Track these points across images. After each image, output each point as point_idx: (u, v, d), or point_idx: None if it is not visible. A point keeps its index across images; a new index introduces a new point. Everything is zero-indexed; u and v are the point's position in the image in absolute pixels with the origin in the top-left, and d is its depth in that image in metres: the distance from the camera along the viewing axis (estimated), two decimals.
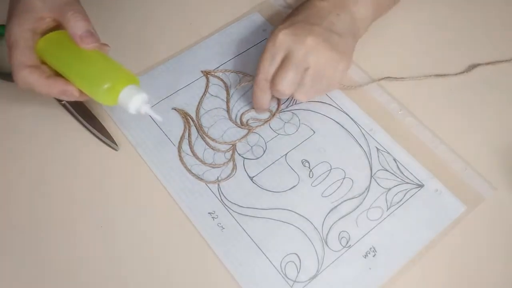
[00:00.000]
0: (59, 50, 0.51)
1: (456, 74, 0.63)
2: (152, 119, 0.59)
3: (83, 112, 0.59)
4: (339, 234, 0.53)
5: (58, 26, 0.53)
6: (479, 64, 0.64)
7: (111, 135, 0.58)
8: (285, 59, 0.54)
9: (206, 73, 0.63)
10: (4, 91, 0.61)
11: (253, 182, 0.56)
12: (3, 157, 0.57)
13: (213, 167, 0.57)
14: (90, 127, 0.58)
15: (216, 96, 0.61)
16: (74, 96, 0.51)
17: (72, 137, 0.58)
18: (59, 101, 0.60)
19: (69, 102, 0.59)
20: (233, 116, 0.60)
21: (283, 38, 0.54)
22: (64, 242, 0.52)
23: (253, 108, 0.60)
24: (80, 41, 0.50)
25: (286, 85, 0.54)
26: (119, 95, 0.49)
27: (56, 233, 0.53)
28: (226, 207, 0.54)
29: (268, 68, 0.55)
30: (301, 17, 0.57)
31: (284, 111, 0.60)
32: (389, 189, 0.55)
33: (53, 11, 0.51)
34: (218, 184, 0.56)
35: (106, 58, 0.51)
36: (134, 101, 0.49)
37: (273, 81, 0.55)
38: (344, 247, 0.52)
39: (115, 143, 0.57)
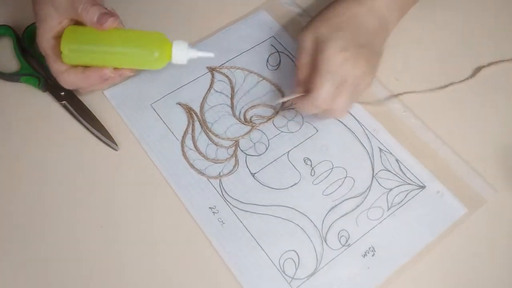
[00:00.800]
0: (85, 46, 0.53)
1: (460, 81, 0.63)
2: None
3: (83, 112, 0.59)
4: (339, 232, 0.53)
5: (77, 24, 0.55)
6: (483, 66, 0.63)
7: (111, 135, 0.58)
8: (342, 84, 0.53)
9: (212, 69, 0.64)
10: (4, 91, 0.62)
11: (255, 179, 0.56)
12: (3, 157, 0.57)
13: (216, 163, 0.57)
14: (90, 127, 0.58)
15: (220, 92, 0.62)
16: (111, 76, 0.54)
17: (72, 137, 0.59)
18: (59, 101, 0.60)
19: (69, 102, 0.60)
20: (237, 113, 0.60)
21: (344, 63, 0.53)
22: (64, 242, 0.52)
23: (257, 105, 0.60)
24: (99, 26, 0.52)
25: (341, 110, 0.55)
26: (172, 56, 0.54)
27: (56, 233, 0.53)
28: (227, 202, 0.54)
29: (330, 90, 0.53)
30: (350, 34, 0.55)
31: (288, 109, 0.61)
32: (391, 189, 0.55)
33: (66, 13, 0.53)
34: (220, 180, 0.56)
35: (132, 31, 0.54)
36: (184, 54, 0.54)
37: (331, 105, 0.54)
38: (343, 245, 0.52)
39: (115, 143, 0.58)
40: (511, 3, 0.70)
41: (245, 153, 0.58)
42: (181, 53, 0.54)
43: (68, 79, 0.54)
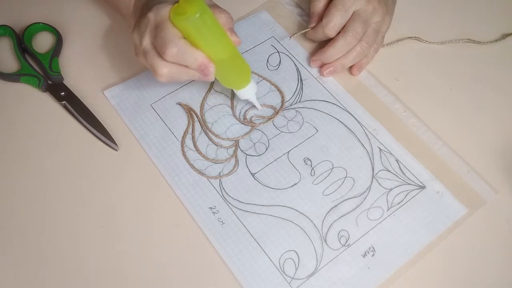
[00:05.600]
0: (210, 20, 0.51)
1: (487, 42, 0.64)
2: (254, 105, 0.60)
3: (83, 112, 0.59)
4: (339, 232, 0.53)
5: None
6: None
7: (111, 135, 0.58)
8: (355, 19, 0.60)
9: None
10: (4, 91, 0.62)
11: (255, 179, 0.56)
12: (3, 157, 0.57)
13: (216, 163, 0.57)
14: (90, 127, 0.58)
15: (220, 92, 0.62)
16: (209, 76, 0.52)
17: (72, 137, 0.59)
18: (59, 101, 0.60)
19: (69, 102, 0.60)
20: (237, 113, 0.60)
21: None
22: (64, 241, 0.53)
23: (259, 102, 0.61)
24: (231, 33, 0.53)
25: (362, 49, 0.61)
26: (241, 90, 0.57)
27: (56, 233, 0.53)
28: (227, 202, 0.54)
29: (340, 20, 0.60)
30: None
31: (288, 109, 0.61)
32: (390, 189, 0.55)
33: None
34: (220, 180, 0.56)
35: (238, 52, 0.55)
36: (249, 93, 0.57)
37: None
38: (343, 245, 0.52)
39: (115, 143, 0.58)
40: None
41: (245, 153, 0.58)
42: (248, 92, 0.57)
43: (185, 46, 0.50)
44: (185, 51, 0.50)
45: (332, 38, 0.61)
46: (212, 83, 0.62)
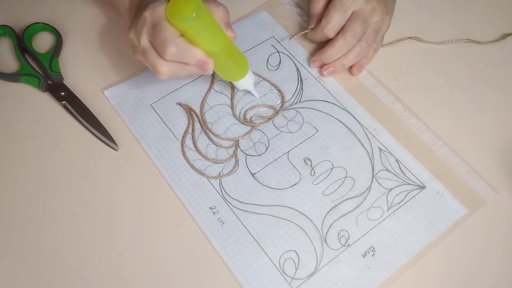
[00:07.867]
0: (207, 17, 0.51)
1: (487, 42, 0.63)
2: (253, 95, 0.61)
3: (83, 112, 0.59)
4: (339, 232, 0.53)
5: None
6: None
7: (111, 135, 0.58)
8: (354, 19, 0.60)
9: None
10: (4, 91, 0.62)
11: (255, 179, 0.56)
12: (3, 157, 0.57)
13: (216, 163, 0.57)
14: (90, 127, 0.58)
15: (220, 93, 0.62)
16: (207, 71, 0.53)
17: (72, 137, 0.59)
18: (59, 101, 0.60)
19: (69, 102, 0.60)
20: (237, 113, 0.60)
21: None
22: (65, 241, 0.52)
23: (257, 105, 0.60)
24: (227, 29, 0.53)
25: (361, 48, 0.61)
26: (240, 81, 0.57)
27: (56, 233, 0.53)
28: (227, 202, 0.54)
29: (339, 20, 0.60)
30: None
31: (288, 109, 0.61)
32: (391, 189, 0.55)
33: None
34: (220, 180, 0.56)
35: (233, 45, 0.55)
36: (248, 84, 0.58)
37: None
38: (343, 245, 0.52)
39: (115, 143, 0.58)
40: None
41: (245, 153, 0.58)
42: (246, 82, 0.58)
43: (183, 45, 0.50)
44: (184, 50, 0.51)
45: (332, 38, 0.61)
46: (212, 83, 0.62)
